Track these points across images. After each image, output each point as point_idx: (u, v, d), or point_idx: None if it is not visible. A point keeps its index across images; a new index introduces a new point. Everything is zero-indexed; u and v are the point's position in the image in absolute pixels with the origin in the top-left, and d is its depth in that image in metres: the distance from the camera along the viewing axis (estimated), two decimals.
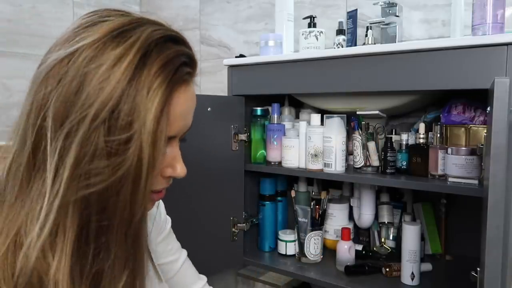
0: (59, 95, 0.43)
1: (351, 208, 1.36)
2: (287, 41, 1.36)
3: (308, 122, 1.27)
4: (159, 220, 0.74)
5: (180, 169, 0.54)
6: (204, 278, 0.83)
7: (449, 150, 1.02)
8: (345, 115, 1.20)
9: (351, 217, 1.37)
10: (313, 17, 1.37)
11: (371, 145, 1.18)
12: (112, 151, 0.43)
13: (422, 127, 1.13)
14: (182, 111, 0.50)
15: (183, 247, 0.80)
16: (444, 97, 1.20)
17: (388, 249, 1.28)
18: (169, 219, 0.78)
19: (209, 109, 1.22)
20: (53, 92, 0.44)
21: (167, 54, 0.47)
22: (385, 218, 1.30)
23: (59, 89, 0.43)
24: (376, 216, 1.31)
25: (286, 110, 1.44)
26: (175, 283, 0.78)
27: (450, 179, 1.03)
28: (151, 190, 0.52)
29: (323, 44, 1.33)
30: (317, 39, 1.32)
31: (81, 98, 0.43)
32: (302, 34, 1.33)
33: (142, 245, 0.50)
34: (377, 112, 1.18)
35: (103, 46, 0.44)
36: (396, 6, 1.29)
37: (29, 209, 0.45)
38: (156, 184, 0.52)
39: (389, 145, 1.15)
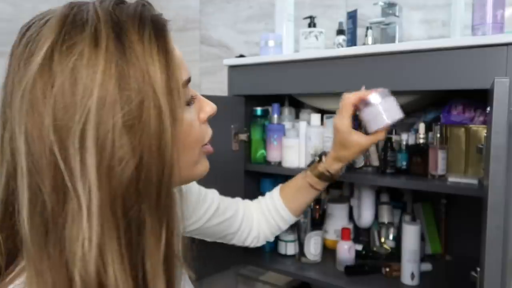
0: (53, 103, 0.38)
1: (351, 208, 1.36)
2: (287, 41, 1.36)
3: (308, 122, 1.27)
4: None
5: (209, 106, 0.55)
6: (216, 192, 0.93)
7: None
8: None
9: (351, 217, 1.37)
10: (313, 17, 1.37)
11: None
12: (129, 122, 0.39)
13: (422, 127, 1.13)
14: (179, 53, 0.50)
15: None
16: (444, 97, 1.20)
17: (388, 249, 1.28)
18: (202, 191, 0.87)
19: None
20: (43, 103, 0.39)
21: (130, 10, 0.44)
22: (385, 218, 1.30)
23: (47, 109, 0.38)
24: (376, 216, 1.31)
25: (286, 110, 1.44)
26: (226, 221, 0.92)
27: (450, 179, 1.03)
28: (204, 144, 0.54)
29: (323, 44, 1.33)
30: (317, 39, 1.32)
31: (77, 98, 0.38)
32: (302, 34, 1.33)
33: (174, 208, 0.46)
34: None
35: (67, 39, 0.40)
36: (396, 6, 1.29)
37: (70, 231, 0.39)
38: (203, 133, 0.54)
39: (389, 145, 1.15)
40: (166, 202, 0.43)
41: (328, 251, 1.33)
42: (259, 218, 1.00)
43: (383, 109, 0.88)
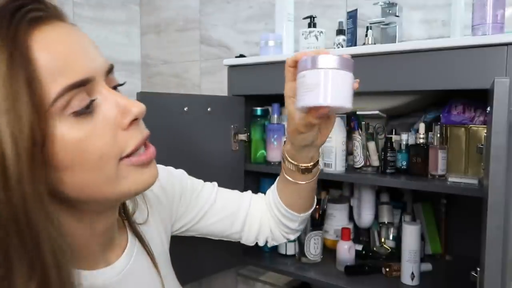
0: None
1: (351, 208, 1.36)
2: (287, 41, 1.36)
3: None
4: (159, 196, 0.71)
5: (134, 107, 0.44)
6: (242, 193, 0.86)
7: None
8: (345, 115, 1.20)
9: (351, 217, 1.37)
10: (313, 17, 1.37)
11: (371, 145, 1.18)
12: None
13: (422, 127, 1.13)
14: (59, 55, 0.40)
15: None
16: (444, 97, 1.20)
17: (388, 249, 1.28)
18: (189, 181, 0.79)
19: (209, 109, 1.22)
20: None
21: None
22: (385, 218, 1.30)
23: None
24: (376, 216, 1.31)
25: (286, 110, 1.44)
26: (225, 216, 0.81)
27: (450, 179, 1.03)
28: (123, 156, 0.45)
29: (323, 44, 1.33)
30: (317, 39, 1.32)
31: None
32: (302, 34, 1.33)
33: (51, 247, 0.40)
34: (377, 112, 1.18)
35: None
36: (396, 6, 1.29)
37: None
38: (123, 143, 0.44)
39: (389, 145, 1.15)
40: (31, 235, 0.38)
41: (328, 251, 1.33)
42: (268, 215, 0.86)
43: (325, 82, 0.59)
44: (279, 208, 0.82)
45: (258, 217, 0.85)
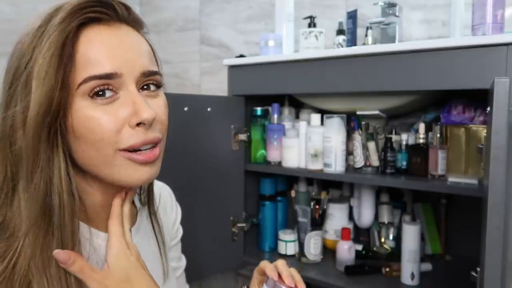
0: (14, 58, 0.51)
1: (351, 208, 1.36)
2: (287, 41, 1.36)
3: (308, 122, 1.27)
4: (172, 224, 0.75)
5: (145, 113, 0.50)
6: (187, 286, 0.82)
7: None
8: (345, 115, 1.20)
9: (351, 217, 1.37)
10: (313, 17, 1.37)
11: (371, 145, 1.18)
12: (23, 97, 0.49)
13: (422, 127, 1.13)
14: (96, 50, 0.49)
15: (183, 247, 0.80)
16: (444, 97, 1.20)
17: (388, 249, 1.28)
18: (181, 229, 0.78)
19: (209, 109, 1.22)
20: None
21: (70, 6, 0.49)
22: (385, 218, 1.30)
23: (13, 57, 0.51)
24: (376, 216, 1.31)
25: (286, 110, 1.44)
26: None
27: (450, 179, 1.03)
28: (121, 148, 0.51)
29: (323, 44, 1.33)
30: (317, 39, 1.32)
31: (21, 55, 0.50)
32: (302, 34, 1.33)
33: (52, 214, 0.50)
34: (377, 112, 1.18)
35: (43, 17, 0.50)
36: (396, 6, 1.29)
37: None
38: (124, 137, 0.51)
39: (389, 145, 1.15)
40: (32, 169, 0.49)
41: (328, 251, 1.33)
42: None
43: None
44: None
45: None
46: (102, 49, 0.50)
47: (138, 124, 0.51)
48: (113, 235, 0.54)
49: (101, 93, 0.49)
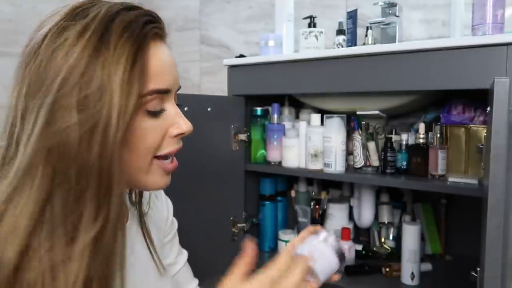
0: (32, 75, 0.47)
1: (351, 208, 1.36)
2: (287, 41, 1.36)
3: (308, 122, 1.27)
4: (165, 221, 0.74)
5: (185, 125, 0.55)
6: (196, 280, 0.82)
7: None
8: (345, 115, 1.20)
9: (351, 217, 1.37)
10: (313, 17, 1.37)
11: (371, 145, 1.18)
12: (84, 108, 0.46)
13: (422, 127, 1.13)
14: (160, 65, 0.52)
15: (183, 247, 0.80)
16: (444, 97, 1.20)
17: (388, 249, 1.28)
18: (175, 222, 0.78)
19: (209, 109, 1.22)
20: (27, 75, 0.47)
21: (129, 16, 0.50)
22: (385, 218, 1.30)
23: (31, 69, 0.47)
24: (376, 216, 1.31)
25: (286, 110, 1.44)
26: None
27: (450, 179, 1.03)
28: (157, 155, 0.54)
29: (323, 44, 1.33)
30: (317, 39, 1.32)
31: (49, 73, 0.46)
32: (302, 34, 1.33)
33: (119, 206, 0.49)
34: (377, 112, 1.18)
35: (66, 23, 0.48)
36: (396, 6, 1.29)
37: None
38: (163, 146, 0.54)
39: (389, 145, 1.15)
40: (107, 185, 0.47)
41: None
42: None
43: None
44: None
45: None
46: (164, 64, 0.53)
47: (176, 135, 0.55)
48: None
49: (152, 107, 0.52)
